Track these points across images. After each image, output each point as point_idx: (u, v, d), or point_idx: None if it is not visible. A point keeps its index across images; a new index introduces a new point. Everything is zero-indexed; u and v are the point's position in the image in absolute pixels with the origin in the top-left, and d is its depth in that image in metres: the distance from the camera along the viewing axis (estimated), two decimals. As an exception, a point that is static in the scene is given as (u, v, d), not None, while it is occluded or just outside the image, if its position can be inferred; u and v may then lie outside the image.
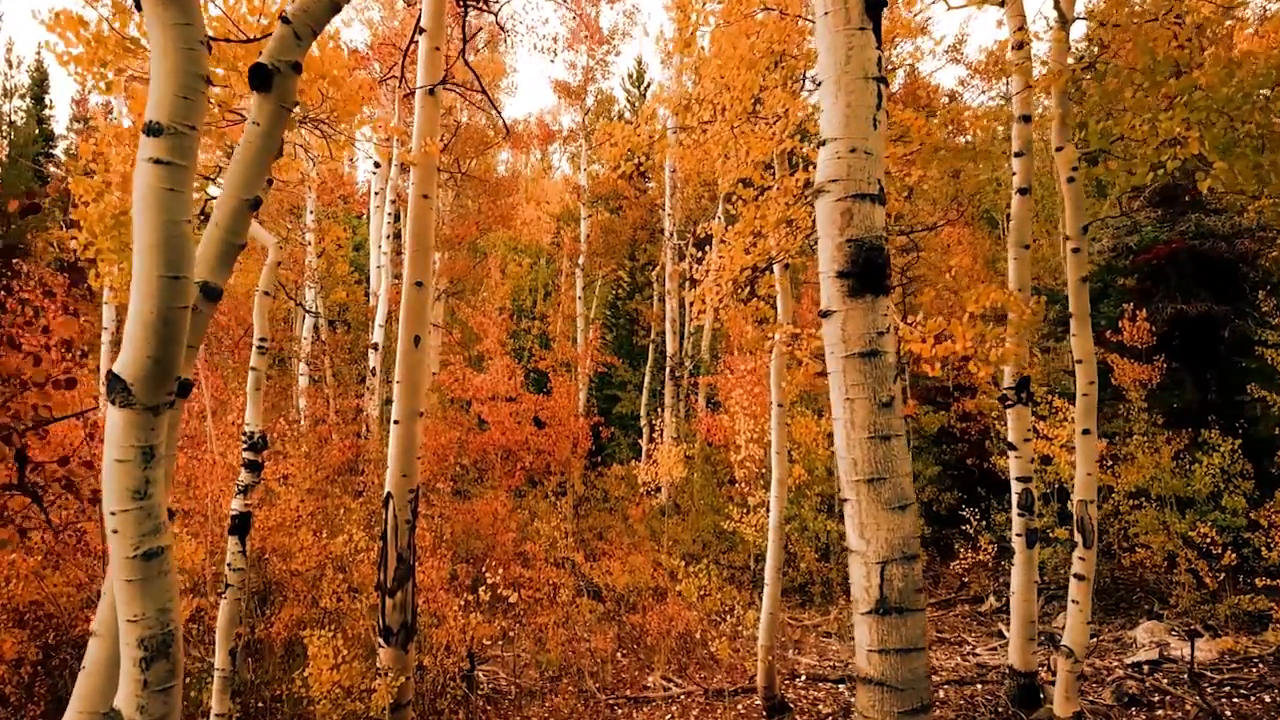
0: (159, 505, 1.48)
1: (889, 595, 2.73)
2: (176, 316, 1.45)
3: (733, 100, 6.04)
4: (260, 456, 5.27)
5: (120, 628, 1.46)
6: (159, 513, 1.48)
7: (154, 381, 1.44)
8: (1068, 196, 5.94)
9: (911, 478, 2.89)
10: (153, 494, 1.46)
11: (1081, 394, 5.94)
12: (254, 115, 1.81)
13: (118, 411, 1.44)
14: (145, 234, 1.42)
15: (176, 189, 1.46)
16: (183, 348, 1.48)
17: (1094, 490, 5.92)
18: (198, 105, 1.49)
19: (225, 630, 5.15)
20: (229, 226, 1.79)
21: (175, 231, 1.45)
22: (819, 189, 3.01)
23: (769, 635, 6.85)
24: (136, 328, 1.43)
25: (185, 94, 1.46)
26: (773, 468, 6.95)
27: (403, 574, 6.02)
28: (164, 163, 1.45)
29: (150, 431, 1.45)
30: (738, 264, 5.82)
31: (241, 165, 1.79)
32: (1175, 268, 9.81)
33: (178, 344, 1.46)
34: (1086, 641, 5.93)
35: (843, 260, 2.87)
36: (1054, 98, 5.82)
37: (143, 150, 1.45)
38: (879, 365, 2.80)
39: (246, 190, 1.79)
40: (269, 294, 5.34)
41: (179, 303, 1.45)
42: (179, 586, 6.52)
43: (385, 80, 8.38)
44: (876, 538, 2.77)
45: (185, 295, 1.47)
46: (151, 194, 1.44)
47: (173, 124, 1.45)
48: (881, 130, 3.08)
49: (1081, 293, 5.89)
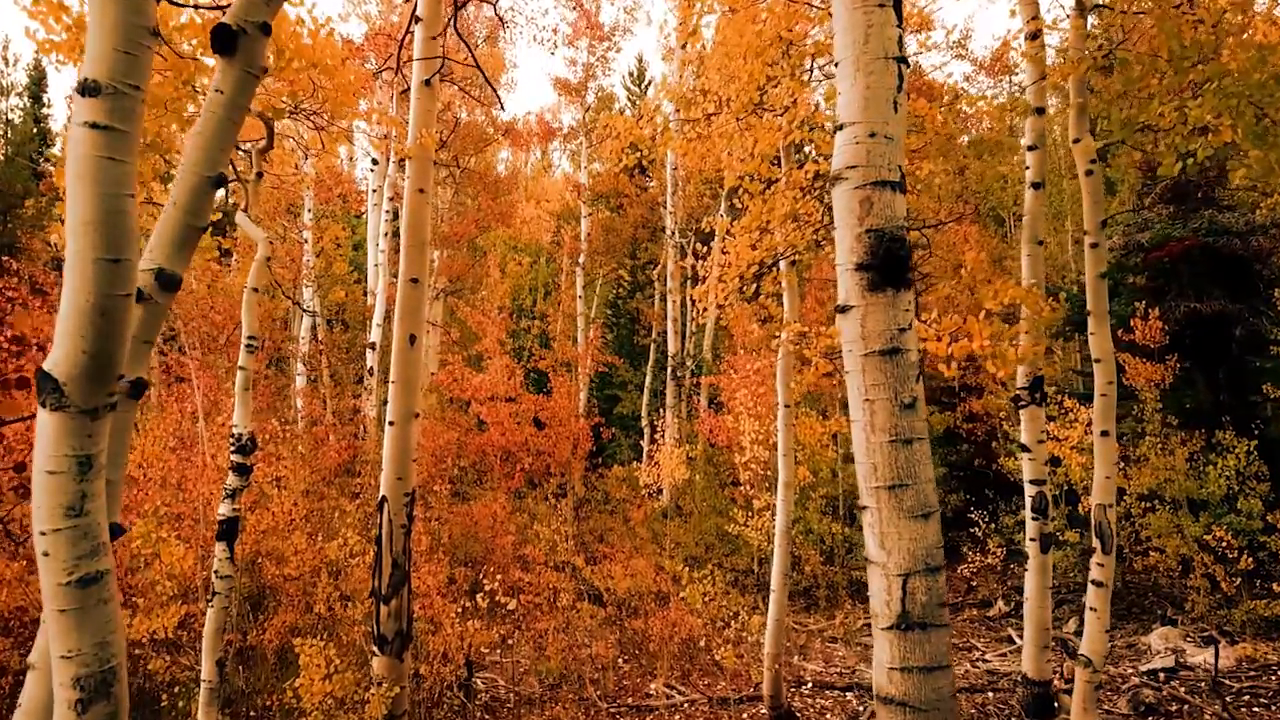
0: (98, 524, 1.28)
1: (911, 609, 2.56)
2: (116, 306, 1.25)
3: (739, 91, 5.85)
4: (249, 459, 5.07)
5: (53, 665, 1.26)
6: (98, 532, 1.28)
7: (91, 381, 1.25)
8: (1086, 190, 5.74)
9: (934, 484, 2.71)
10: (90, 510, 1.27)
11: (1100, 394, 5.73)
12: (217, 82, 1.61)
13: (49, 415, 1.24)
14: (80, 209, 1.23)
15: (117, 158, 1.26)
16: (125, 342, 1.29)
17: (1113, 494, 5.72)
18: (142, 62, 1.29)
19: (212, 640, 4.95)
20: (189, 206, 1.59)
21: (115, 207, 1.25)
22: (836, 176, 2.83)
23: (775, 643, 6.65)
24: (70, 318, 1.24)
25: (127, 48, 1.27)
26: (779, 470, 6.75)
27: (398, 580, 5.82)
28: (102, 127, 1.25)
29: (88, 439, 1.26)
30: (744, 259, 5.62)
31: (203, 138, 1.59)
32: (1188, 265, 9.61)
33: (118, 338, 1.27)
34: (1105, 650, 5.73)
35: (862, 252, 2.70)
36: (1072, 87, 5.62)
37: (77, 113, 1.26)
38: (900, 364, 2.63)
39: (209, 166, 1.59)
40: (258, 290, 5.14)
41: (119, 290, 1.26)
42: (169, 594, 6.35)
43: (381, 72, 8.18)
44: (898, 548, 2.60)
45: (127, 281, 1.27)
46: (87, 163, 1.24)
47: (112, 82, 1.26)
48: (902, 114, 2.90)
49: (1100, 289, 5.69)
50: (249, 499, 7.80)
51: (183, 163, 1.59)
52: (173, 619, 6.10)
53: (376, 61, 9.38)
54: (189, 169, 1.58)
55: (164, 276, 1.58)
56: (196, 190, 1.59)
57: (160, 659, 6.32)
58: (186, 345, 10.26)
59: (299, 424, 12.22)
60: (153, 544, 5.98)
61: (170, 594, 6.24)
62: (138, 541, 6.01)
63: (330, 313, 16.55)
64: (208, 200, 1.61)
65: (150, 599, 6.28)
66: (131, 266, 1.28)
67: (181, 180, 1.59)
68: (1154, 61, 4.48)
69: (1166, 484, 8.80)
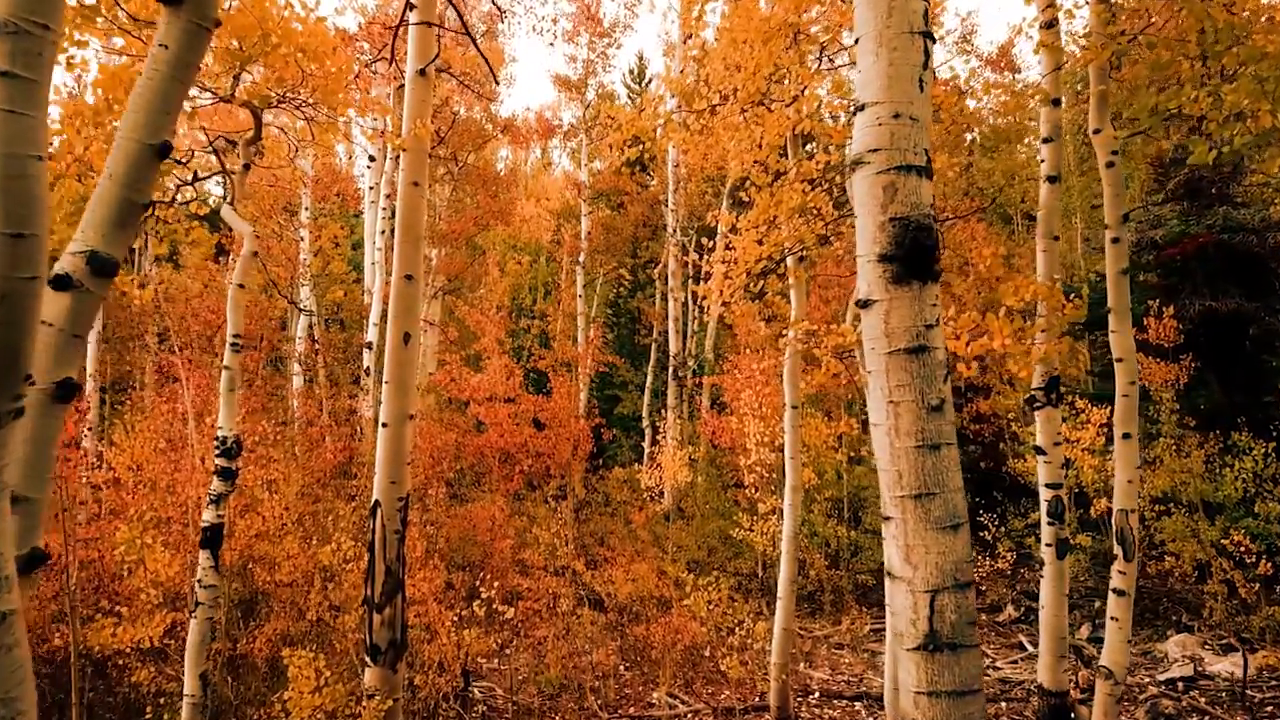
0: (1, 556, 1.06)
1: (940, 629, 2.35)
2: (19, 291, 1.03)
3: (744, 81, 5.62)
4: (234, 463, 4.85)
5: (-54, 724, 1.04)
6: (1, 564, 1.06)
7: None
8: (1107, 183, 5.53)
9: (964, 492, 2.50)
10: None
11: (1122, 395, 5.53)
12: (161, 35, 1.39)
13: (-63, 423, 1.02)
14: (-27, 173, 1.01)
15: (20, 110, 1.04)
16: (31, 334, 1.07)
17: (1135, 499, 5.51)
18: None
19: (195, 652, 4.73)
20: (127, 179, 1.37)
21: (18, 170, 1.03)
22: (856, 160, 2.61)
23: (782, 652, 6.44)
24: (-39, 306, 1.02)
25: (35, -21, 1.05)
26: (786, 473, 6.53)
27: (391, 588, 5.60)
28: (1, 74, 1.03)
29: (-14, 451, 1.04)
30: (751, 255, 5.40)
31: (144, 99, 1.37)
32: (1203, 263, 9.38)
33: (22, 329, 1.05)
34: (1127, 662, 5.52)
35: (885, 242, 2.50)
36: (1092, 75, 5.41)
37: (-30, 56, 1.04)
38: (927, 363, 2.43)
39: (150, 132, 1.37)
40: (244, 287, 4.92)
41: (23, 271, 1.04)
42: (154, 602, 6.13)
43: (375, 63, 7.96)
44: (925, 562, 2.39)
45: (33, 261, 1.05)
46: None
47: (15, 18, 1.04)
48: (928, 93, 2.68)
49: (1121, 285, 5.49)
50: (241, 503, 7.57)
51: (120, 128, 1.37)
52: (158, 628, 5.88)
53: (371, 52, 9.16)
54: (127, 135, 1.36)
55: (98, 260, 1.36)
56: (136, 160, 1.36)
57: (146, 668, 6.10)
58: (177, 344, 10.03)
59: (295, 425, 11.99)
60: (137, 550, 5.76)
61: (155, 602, 6.01)
62: (121, 548, 5.79)
63: (329, 312, 16.33)
64: (149, 172, 1.38)
65: (135, 607, 6.06)
66: (39, 243, 1.06)
67: (119, 149, 1.37)
68: (1182, 46, 4.27)
69: (1184, 487, 8.57)
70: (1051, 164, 6.34)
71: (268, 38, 4.66)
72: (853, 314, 5.53)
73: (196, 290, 14.49)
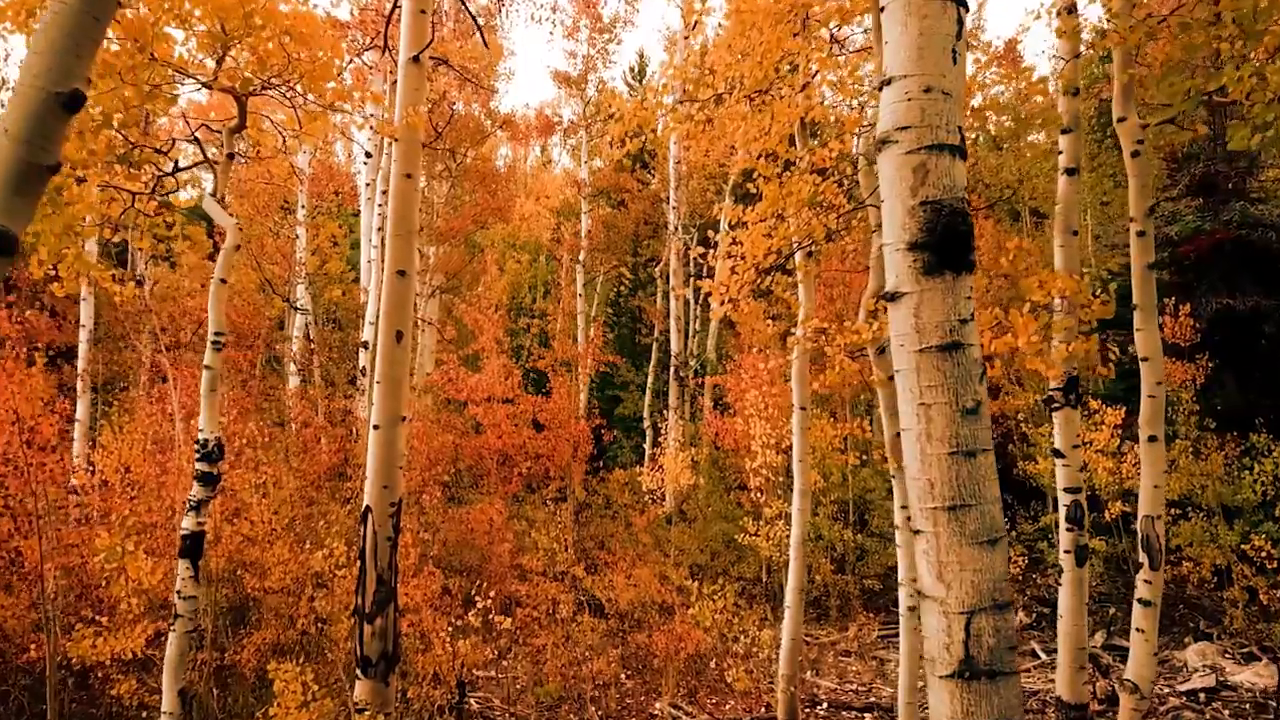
0: None
1: (977, 655, 2.13)
2: None
3: (752, 68, 5.37)
4: (215, 467, 4.61)
5: None
6: None
7: None
8: (1132, 173, 5.29)
9: (1000, 503, 2.27)
10: None
11: (1148, 395, 5.28)
12: (71, -39, 1.14)
13: None
14: None
15: None
16: None
17: (1162, 504, 5.26)
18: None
19: (174, 666, 4.48)
20: (27, 135, 1.12)
21: None
22: (883, 139, 2.37)
23: (790, 663, 6.19)
24: None
25: None
26: (794, 477, 6.28)
27: (383, 597, 5.35)
28: None
29: None
30: (760, 249, 5.15)
31: (48, 37, 1.13)
32: (1219, 260, 9.13)
33: None
34: (1154, 675, 5.28)
35: (916, 228, 2.27)
36: (1117, 60, 5.17)
37: None
38: (962, 361, 2.20)
39: (56, 77, 1.13)
40: (225, 281, 4.67)
41: None
42: (135, 612, 5.88)
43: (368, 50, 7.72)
44: (960, 581, 2.17)
45: None
46: None
47: None
48: (962, 66, 2.45)
49: (1148, 281, 5.24)
50: (231, 507, 7.33)
51: (20, 74, 1.12)
52: (139, 638, 5.64)
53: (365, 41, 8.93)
54: (28, 80, 1.11)
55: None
56: (38, 111, 1.12)
57: (129, 680, 5.85)
58: (163, 344, 9.79)
59: (292, 426, 11.74)
60: (118, 557, 5.51)
61: (137, 611, 5.76)
62: (101, 556, 5.55)
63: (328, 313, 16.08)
64: (56, 127, 1.14)
65: (116, 617, 5.81)
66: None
67: (17, 98, 1.12)
68: (1218, 27, 4.02)
69: (1203, 490, 8.32)
70: (1070, 156, 6.09)
71: (251, 18, 4.43)
72: (865, 311, 5.28)
73: (192, 289, 14.24)
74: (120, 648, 5.61)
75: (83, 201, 4.71)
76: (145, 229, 5.42)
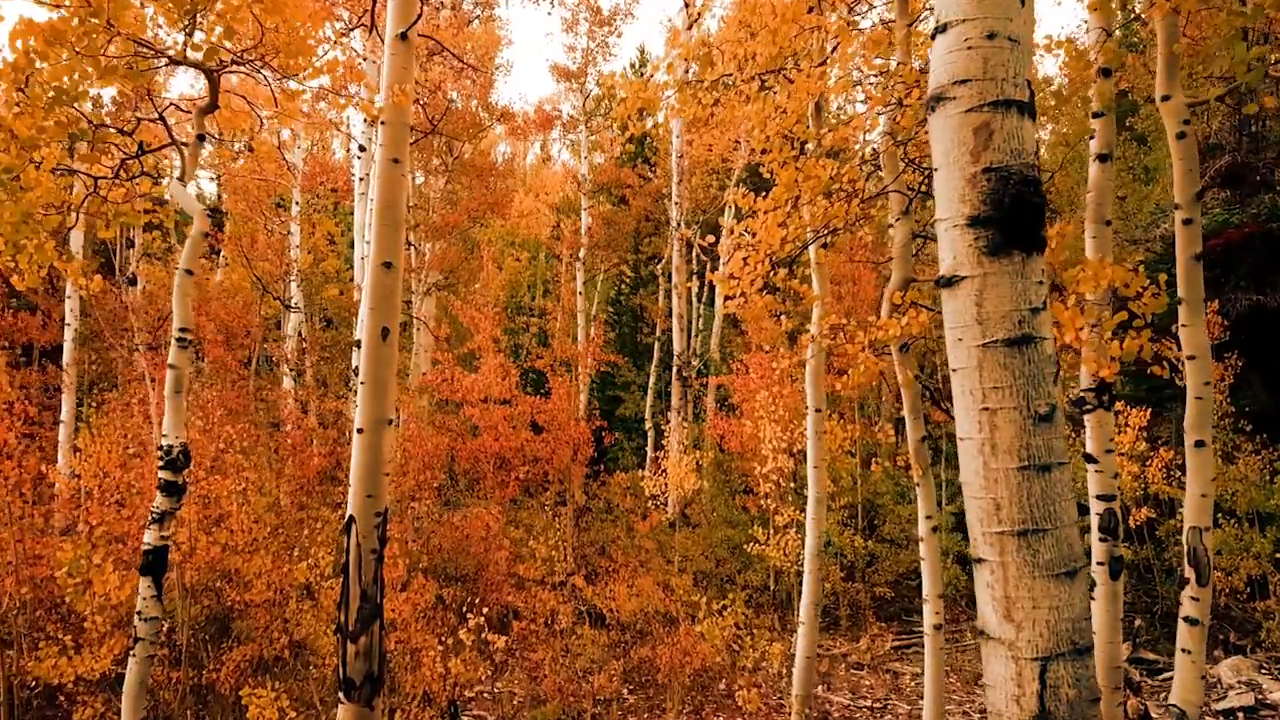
0: None
1: (1055, 710, 1.82)
2: None
3: (765, 44, 4.98)
4: (180, 476, 4.21)
5: None
6: None
7: None
8: (1178, 156, 4.86)
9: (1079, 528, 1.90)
10: None
11: (1195, 396, 4.85)
12: None
13: None
14: None
15: None
16: None
17: (1209, 515, 4.84)
18: None
19: (134, 695, 4.08)
20: None
21: None
22: (937, 95, 2.00)
23: (805, 684, 5.78)
24: None
25: None
26: (809, 484, 5.88)
27: (368, 614, 4.93)
28: None
29: None
30: (774, 238, 4.75)
31: None
32: (1249, 254, 8.73)
33: None
34: (1201, 700, 4.87)
35: (977, 200, 1.92)
36: (1160, 32, 4.76)
37: None
38: (1033, 358, 1.85)
39: None
40: (191, 273, 4.28)
41: None
42: (102, 629, 5.49)
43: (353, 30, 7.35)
44: (1033, 620, 1.81)
45: None
46: None
47: None
48: (1030, 8, 2.08)
49: (1194, 273, 4.83)
50: (214, 514, 6.92)
51: None
52: (105, 658, 5.24)
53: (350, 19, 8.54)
54: None
55: None
56: None
57: (95, 703, 5.45)
58: (141, 344, 9.39)
59: (285, 427, 11.34)
60: (82, 570, 5.12)
61: (104, 628, 5.36)
62: (64, 569, 5.15)
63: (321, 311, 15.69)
64: None
65: (83, 634, 5.41)
66: None
67: None
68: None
69: (1236, 496, 7.92)
70: (1102, 141, 5.67)
71: (215, -18, 4.04)
72: (889, 305, 4.88)
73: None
74: (85, 669, 5.22)
75: (41, 187, 4.32)
76: (112, 217, 5.02)
